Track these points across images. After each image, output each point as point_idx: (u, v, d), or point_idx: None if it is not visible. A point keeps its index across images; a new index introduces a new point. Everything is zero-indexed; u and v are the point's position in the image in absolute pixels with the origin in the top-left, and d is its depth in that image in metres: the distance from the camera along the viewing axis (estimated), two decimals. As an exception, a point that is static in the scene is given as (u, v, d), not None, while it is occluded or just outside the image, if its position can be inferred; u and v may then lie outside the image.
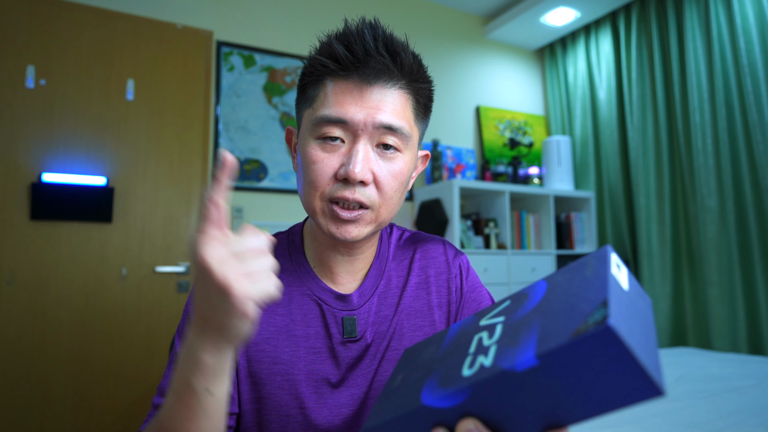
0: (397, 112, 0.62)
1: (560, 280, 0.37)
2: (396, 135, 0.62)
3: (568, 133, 3.44)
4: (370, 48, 0.60)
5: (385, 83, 0.61)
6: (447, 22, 3.34)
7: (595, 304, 0.29)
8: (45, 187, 2.08)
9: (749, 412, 1.29)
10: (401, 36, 0.66)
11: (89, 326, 2.15)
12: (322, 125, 0.61)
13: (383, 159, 0.62)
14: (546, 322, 0.32)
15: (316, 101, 0.63)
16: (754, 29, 2.45)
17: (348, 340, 0.67)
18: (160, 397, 0.62)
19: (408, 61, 0.62)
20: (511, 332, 0.35)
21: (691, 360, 1.97)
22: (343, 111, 0.60)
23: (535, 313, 0.34)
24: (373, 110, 0.60)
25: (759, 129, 2.39)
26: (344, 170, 0.60)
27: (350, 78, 0.61)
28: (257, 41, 2.66)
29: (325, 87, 0.62)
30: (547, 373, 0.29)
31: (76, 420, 2.08)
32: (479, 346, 0.36)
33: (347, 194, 0.60)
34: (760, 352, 2.39)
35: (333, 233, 0.62)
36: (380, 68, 0.60)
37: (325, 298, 0.68)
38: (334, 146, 0.61)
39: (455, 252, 0.78)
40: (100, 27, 2.28)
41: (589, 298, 0.31)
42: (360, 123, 0.60)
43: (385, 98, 0.61)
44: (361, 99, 0.60)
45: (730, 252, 2.50)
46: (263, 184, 2.57)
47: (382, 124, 0.60)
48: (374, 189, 0.62)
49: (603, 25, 3.26)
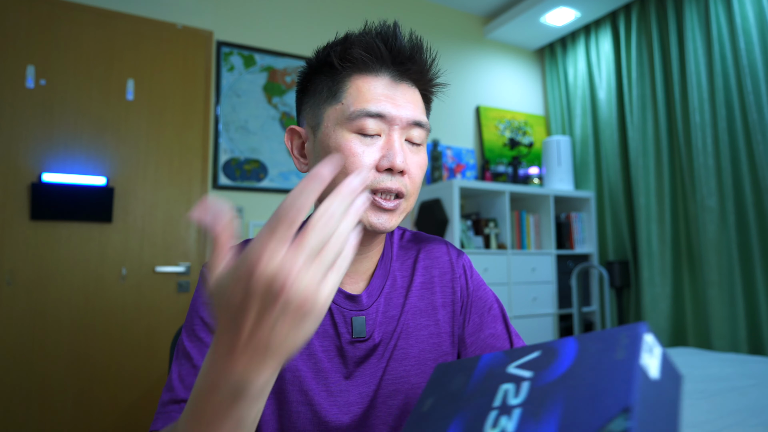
0: (420, 109, 0.67)
1: (591, 350, 0.36)
2: (422, 129, 0.67)
3: (568, 133, 3.44)
4: (408, 49, 0.65)
5: (410, 83, 0.67)
6: (447, 22, 3.34)
7: (618, 407, 0.29)
8: (45, 187, 2.08)
9: (749, 412, 1.29)
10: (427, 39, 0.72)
11: (89, 326, 2.15)
12: (361, 119, 0.62)
13: (412, 152, 0.66)
14: (570, 405, 0.32)
15: (345, 97, 0.63)
16: (754, 29, 2.45)
17: (356, 339, 0.68)
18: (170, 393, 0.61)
19: (428, 66, 0.68)
20: (536, 400, 0.35)
21: (691, 360, 1.97)
22: (381, 106, 0.63)
23: (562, 386, 0.35)
24: (404, 107, 0.64)
25: (759, 129, 2.39)
26: (387, 161, 0.62)
27: (380, 75, 0.65)
28: (257, 41, 2.66)
29: (355, 82, 0.64)
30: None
31: (76, 420, 2.08)
32: (504, 403, 0.37)
33: (390, 184, 0.63)
34: (760, 352, 2.39)
35: (373, 224, 0.63)
36: (411, 69, 0.66)
37: (335, 298, 0.68)
38: (373, 140, 0.63)
39: (458, 252, 0.80)
40: (100, 27, 2.28)
41: (615, 392, 0.30)
42: (396, 118, 0.63)
43: (411, 97, 0.66)
44: (393, 96, 0.64)
45: (730, 252, 2.50)
46: (263, 184, 2.57)
47: (414, 120, 0.65)
48: (408, 179, 0.65)
49: (603, 25, 3.26)
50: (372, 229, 0.64)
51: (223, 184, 2.47)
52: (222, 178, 2.48)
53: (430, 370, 0.70)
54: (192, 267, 2.37)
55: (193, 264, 2.38)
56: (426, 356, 0.70)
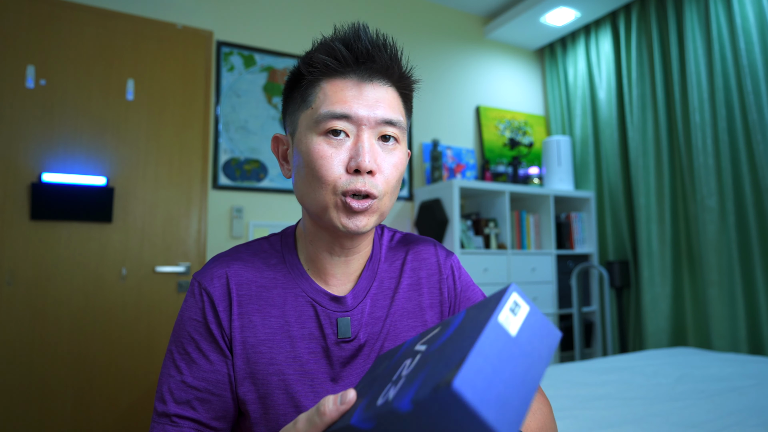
0: (393, 107, 0.66)
1: (470, 315, 0.38)
2: (395, 127, 0.66)
3: (568, 133, 3.44)
4: (369, 48, 0.64)
5: (380, 81, 0.66)
6: (447, 22, 3.34)
7: (459, 358, 0.30)
8: (45, 187, 2.08)
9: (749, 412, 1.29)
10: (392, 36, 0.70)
11: (89, 326, 2.15)
12: (327, 121, 0.63)
13: (385, 151, 0.66)
14: (434, 366, 0.34)
15: (315, 101, 0.65)
16: (754, 29, 2.45)
17: (342, 340, 0.68)
18: (163, 405, 0.64)
19: (398, 62, 0.67)
20: (417, 368, 0.37)
21: (691, 360, 1.98)
22: (347, 107, 0.63)
23: (437, 352, 0.36)
24: (372, 106, 0.64)
25: (759, 129, 2.39)
26: (355, 162, 0.62)
27: (348, 77, 0.65)
28: (257, 41, 2.66)
29: (323, 87, 0.65)
30: (421, 417, 0.31)
31: (76, 420, 2.08)
32: (399, 375, 0.39)
33: (359, 186, 0.62)
34: (760, 352, 2.39)
35: (346, 226, 0.64)
36: (377, 68, 0.65)
37: (320, 300, 0.69)
38: (340, 141, 0.64)
39: (446, 253, 0.80)
40: (100, 27, 2.28)
41: (462, 348, 0.32)
42: (363, 118, 0.63)
43: (380, 95, 0.65)
44: (360, 96, 0.64)
45: (730, 252, 2.50)
46: (263, 184, 2.57)
47: (383, 119, 0.64)
48: (381, 179, 0.64)
49: (603, 25, 3.26)
50: (345, 230, 0.64)
51: (223, 184, 2.47)
52: (222, 178, 2.48)
53: None
54: (192, 267, 2.37)
55: (193, 264, 2.38)
56: None
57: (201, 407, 0.65)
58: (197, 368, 0.65)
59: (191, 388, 0.65)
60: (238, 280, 0.68)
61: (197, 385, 0.65)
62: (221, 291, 0.68)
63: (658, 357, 2.08)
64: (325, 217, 0.65)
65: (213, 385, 0.65)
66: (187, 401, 0.64)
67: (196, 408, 0.65)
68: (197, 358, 0.66)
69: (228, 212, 2.49)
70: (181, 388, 0.65)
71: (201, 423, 0.65)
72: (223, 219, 2.48)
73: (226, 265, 0.70)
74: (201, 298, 0.68)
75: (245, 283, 0.69)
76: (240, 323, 0.66)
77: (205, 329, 0.67)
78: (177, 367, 0.66)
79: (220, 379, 0.66)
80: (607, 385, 1.62)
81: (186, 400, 0.65)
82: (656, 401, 1.43)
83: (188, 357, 0.66)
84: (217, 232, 2.46)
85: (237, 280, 0.68)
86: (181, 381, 0.65)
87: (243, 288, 0.68)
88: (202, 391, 0.65)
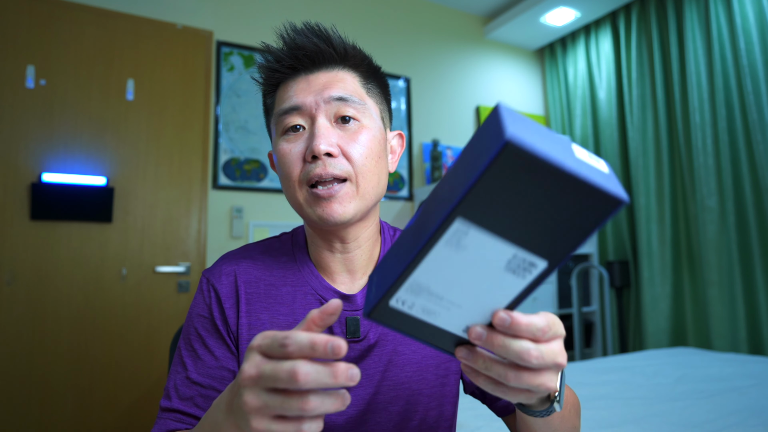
0: (345, 87, 0.65)
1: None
2: (349, 105, 0.64)
3: (568, 133, 3.44)
4: (301, 39, 0.65)
5: (327, 67, 0.66)
6: (447, 22, 3.34)
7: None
8: (45, 187, 2.08)
9: (749, 412, 1.29)
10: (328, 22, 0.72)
11: (89, 326, 2.15)
12: (281, 119, 0.65)
13: (345, 131, 0.64)
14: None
15: (274, 107, 0.68)
16: (754, 29, 2.45)
17: (351, 340, 0.67)
18: (168, 401, 0.65)
19: (339, 41, 0.66)
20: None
21: (691, 360, 1.98)
22: (294, 99, 0.64)
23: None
24: (321, 90, 0.64)
25: (759, 129, 2.39)
26: (309, 149, 0.62)
27: (296, 75, 0.66)
28: (257, 41, 2.66)
29: (278, 92, 0.68)
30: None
31: (76, 419, 2.08)
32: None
33: (319, 171, 0.61)
34: (760, 352, 2.39)
35: (321, 216, 0.62)
36: (315, 50, 0.64)
37: (329, 298, 0.68)
38: (297, 135, 0.64)
39: None
40: (100, 27, 2.28)
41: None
42: (312, 104, 0.63)
43: (330, 79, 0.65)
44: (308, 85, 0.65)
45: (730, 252, 2.50)
46: (263, 184, 2.57)
47: (332, 98, 0.63)
48: (344, 160, 0.63)
49: (603, 25, 3.26)
50: (322, 222, 0.63)
51: (223, 184, 2.47)
52: (222, 178, 2.48)
53: (431, 376, 0.69)
54: (192, 267, 2.37)
55: (193, 264, 2.38)
56: (427, 362, 0.69)
57: (205, 404, 0.65)
58: (202, 364, 0.66)
59: (195, 384, 0.65)
60: (247, 278, 0.69)
61: (202, 382, 0.65)
62: (229, 288, 0.68)
63: (658, 357, 2.08)
64: (304, 214, 0.65)
65: (218, 381, 0.65)
66: (190, 398, 0.65)
67: (200, 405, 0.65)
68: (203, 354, 0.66)
69: (228, 212, 2.49)
70: (186, 384, 0.65)
71: None
72: (223, 219, 2.48)
73: (236, 262, 0.70)
74: (209, 294, 0.68)
75: (254, 281, 0.69)
76: (248, 320, 0.66)
77: (211, 325, 0.67)
78: (183, 363, 0.66)
79: (225, 376, 0.66)
80: (607, 385, 1.62)
81: (190, 396, 0.65)
82: (656, 401, 1.43)
83: (194, 353, 0.66)
84: (217, 232, 2.46)
85: (245, 278, 0.68)
86: (186, 377, 0.65)
87: (251, 286, 0.68)
88: (206, 388, 0.65)
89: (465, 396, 1.58)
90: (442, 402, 0.70)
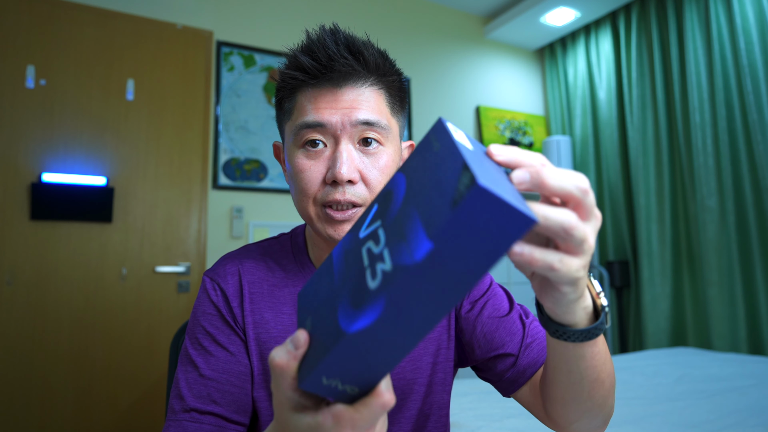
0: (372, 107, 0.63)
1: (415, 165, 0.38)
2: (374, 129, 0.63)
3: (568, 133, 3.44)
4: (333, 53, 0.61)
5: (355, 83, 0.63)
6: (447, 22, 3.34)
7: (457, 172, 0.31)
8: (45, 187, 2.08)
9: (749, 412, 1.29)
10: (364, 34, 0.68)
11: (89, 326, 2.15)
12: (303, 132, 0.62)
13: (367, 155, 0.63)
14: (422, 207, 0.33)
15: (293, 113, 0.65)
16: (754, 29, 2.46)
17: None
18: (180, 401, 0.62)
19: (373, 58, 0.63)
20: (394, 230, 0.35)
21: (691, 360, 1.98)
22: (319, 115, 0.61)
23: (408, 204, 0.35)
24: (347, 110, 0.61)
25: (759, 129, 2.39)
26: (331, 173, 0.61)
27: (321, 85, 0.62)
28: (257, 41, 2.66)
29: (299, 98, 0.64)
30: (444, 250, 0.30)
31: (76, 420, 2.08)
32: (371, 257, 0.36)
33: (338, 196, 0.61)
34: (760, 352, 2.39)
35: (330, 236, 0.63)
36: (346, 70, 0.61)
37: None
38: (318, 152, 0.62)
39: None
40: (100, 27, 2.28)
41: (450, 168, 0.32)
42: (338, 124, 0.61)
43: (357, 97, 0.62)
44: (334, 102, 0.62)
45: (730, 252, 2.50)
46: (263, 184, 2.57)
47: (359, 121, 0.61)
48: (363, 187, 0.62)
49: (603, 25, 3.26)
50: (331, 240, 0.63)
51: (223, 184, 2.47)
52: (222, 178, 2.48)
53: (425, 365, 0.70)
54: (192, 267, 2.37)
55: (193, 264, 2.38)
56: (420, 352, 0.70)
57: (222, 399, 0.63)
58: (215, 360, 0.64)
59: (210, 380, 0.63)
60: (250, 278, 0.69)
61: (217, 377, 0.63)
62: (234, 287, 0.68)
63: (658, 357, 2.08)
64: (312, 226, 0.65)
65: (235, 376, 0.64)
66: (207, 394, 0.63)
67: (217, 401, 0.63)
68: (215, 351, 0.65)
69: (228, 212, 2.49)
70: (200, 381, 0.63)
71: (222, 417, 0.63)
72: (223, 219, 2.48)
73: (239, 262, 0.70)
74: (215, 293, 0.68)
75: (257, 281, 0.69)
76: (252, 319, 0.67)
77: (221, 320, 0.66)
78: (193, 362, 0.65)
79: (242, 371, 0.65)
80: (607, 385, 1.62)
81: (206, 393, 0.63)
82: (656, 401, 1.43)
83: (205, 351, 0.65)
84: (217, 232, 2.46)
85: (249, 278, 0.69)
86: (199, 375, 0.63)
87: (255, 286, 0.68)
88: (223, 383, 0.63)
89: (465, 396, 1.58)
90: (435, 390, 0.71)
